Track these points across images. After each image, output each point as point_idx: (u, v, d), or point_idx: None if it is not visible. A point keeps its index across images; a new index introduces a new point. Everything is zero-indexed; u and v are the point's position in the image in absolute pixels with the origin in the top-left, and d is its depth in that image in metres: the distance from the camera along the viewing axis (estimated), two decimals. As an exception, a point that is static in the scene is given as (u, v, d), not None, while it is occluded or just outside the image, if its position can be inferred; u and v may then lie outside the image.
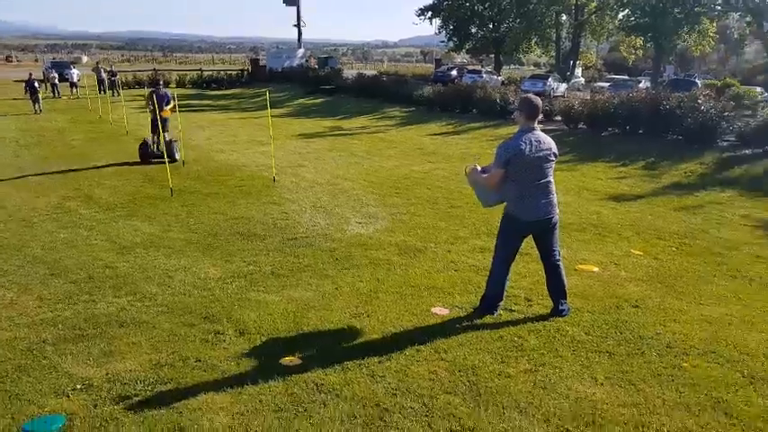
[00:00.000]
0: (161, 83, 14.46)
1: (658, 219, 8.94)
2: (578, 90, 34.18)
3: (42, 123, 19.91)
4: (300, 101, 29.81)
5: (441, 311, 5.26)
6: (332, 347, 4.57)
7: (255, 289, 5.76)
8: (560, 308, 5.14)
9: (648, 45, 38.83)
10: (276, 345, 4.62)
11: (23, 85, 25.38)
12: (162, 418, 3.64)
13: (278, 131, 17.63)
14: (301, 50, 45.80)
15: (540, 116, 4.90)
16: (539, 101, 4.88)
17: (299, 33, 46.12)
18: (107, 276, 6.09)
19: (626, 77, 39.17)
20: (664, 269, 6.59)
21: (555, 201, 4.94)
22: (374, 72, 44.88)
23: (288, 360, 4.35)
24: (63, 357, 4.39)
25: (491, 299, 5.17)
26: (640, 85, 29.42)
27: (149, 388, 3.98)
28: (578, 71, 45.55)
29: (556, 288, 5.13)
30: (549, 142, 4.89)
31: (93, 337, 4.71)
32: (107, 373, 4.17)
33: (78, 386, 4.00)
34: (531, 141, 4.73)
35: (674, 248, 7.43)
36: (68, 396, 3.89)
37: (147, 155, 12.61)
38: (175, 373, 4.18)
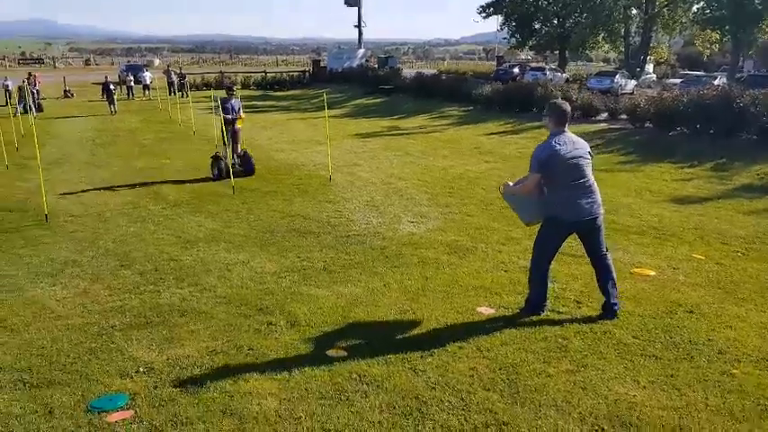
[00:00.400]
0: (234, 89, 12.49)
1: (724, 222, 8.59)
2: (649, 87, 32.89)
3: (117, 124, 21.18)
4: (359, 101, 30.21)
5: (486, 311, 5.31)
6: (376, 341, 4.72)
7: (307, 284, 6.00)
8: (612, 301, 5.08)
9: (726, 39, 36.98)
10: (324, 337, 4.82)
11: (100, 87, 27.02)
12: (215, 400, 3.89)
13: (335, 131, 18.00)
14: (362, 51, 46.22)
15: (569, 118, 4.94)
16: (567, 105, 4.95)
17: (360, 34, 46.65)
18: (171, 268, 6.51)
19: (700, 73, 37.42)
20: (725, 274, 6.36)
21: (599, 200, 4.92)
22: (434, 71, 44.73)
23: (334, 351, 4.54)
24: (129, 342, 4.76)
25: (536, 299, 5.20)
26: (715, 81, 28.04)
27: (205, 372, 4.26)
28: (650, 67, 43.82)
29: (606, 283, 5.08)
30: (582, 143, 4.93)
31: (156, 325, 5.08)
32: (167, 358, 4.48)
33: (141, 369, 4.33)
34: (564, 142, 4.78)
35: (739, 253, 7.14)
36: (132, 377, 4.22)
37: (222, 172, 11.06)
38: (229, 359, 4.45)
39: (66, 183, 11.19)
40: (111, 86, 25.34)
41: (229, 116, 11.44)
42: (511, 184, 5.22)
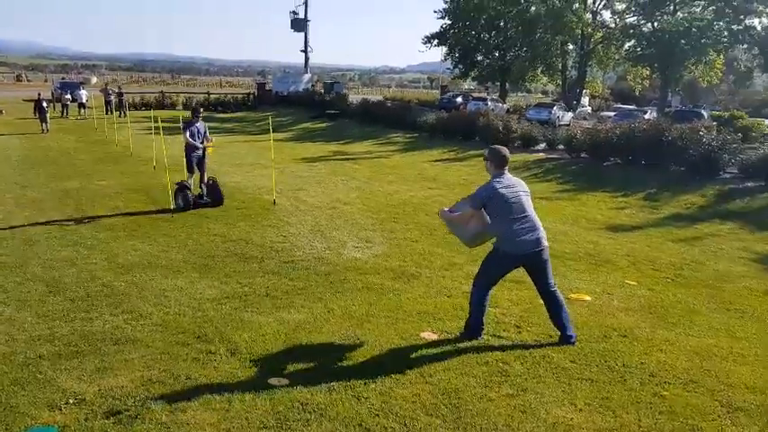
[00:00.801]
0: (200, 111, 11.53)
1: (655, 250, 9.00)
2: (585, 119, 34.36)
3: (49, 143, 20.26)
4: (305, 125, 30.17)
5: (429, 336, 5.35)
6: (320, 368, 4.67)
7: (249, 310, 5.87)
8: (568, 334, 5.20)
9: (655, 75, 39.15)
10: (265, 365, 4.72)
11: (32, 104, 25.85)
12: (150, 432, 3.73)
13: (281, 155, 17.89)
14: (308, 75, 46.33)
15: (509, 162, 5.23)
16: (506, 151, 5.24)
17: (306, 58, 46.75)
18: (104, 295, 6.22)
19: (632, 107, 39.42)
20: (656, 300, 6.65)
21: (542, 233, 5.10)
22: (379, 98, 45.27)
23: (276, 380, 4.45)
24: (58, 372, 4.51)
25: (474, 323, 5.29)
26: (646, 115, 29.57)
27: (140, 404, 4.08)
28: (585, 100, 45.86)
29: (558, 317, 5.21)
30: (520, 182, 5.25)
31: (87, 354, 4.83)
32: (100, 389, 4.28)
33: (71, 400, 4.11)
34: (504, 182, 5.06)
35: (668, 279, 7.48)
36: (61, 409, 4.00)
37: (189, 202, 10.25)
38: (166, 389, 4.29)
39: (-8, 204, 10.59)
40: (44, 104, 24.30)
41: (197, 141, 10.70)
42: (446, 209, 5.44)
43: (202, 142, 10.83)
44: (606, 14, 41.86)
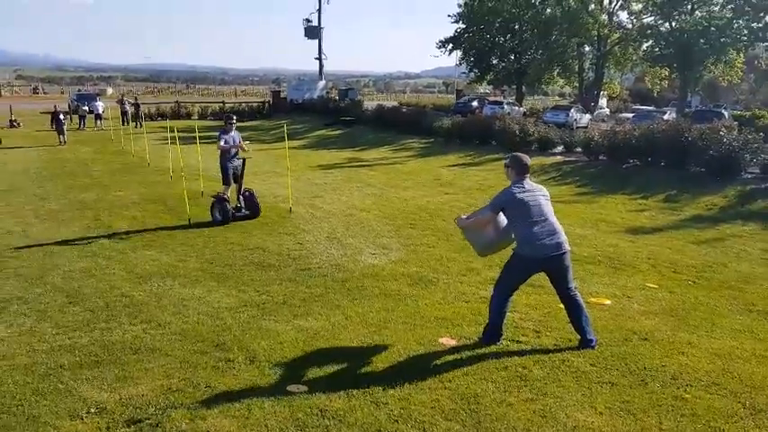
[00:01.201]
0: (233, 119, 10.81)
1: (676, 252, 8.88)
2: (603, 121, 34.03)
3: (66, 155, 20.55)
4: (320, 132, 30.28)
5: (448, 342, 5.32)
6: (338, 375, 4.67)
7: (267, 318, 5.90)
8: (588, 338, 5.15)
9: (674, 76, 38.71)
10: (284, 372, 4.73)
11: (49, 116, 26.20)
12: (169, 441, 3.76)
13: (296, 163, 17.96)
14: (322, 82, 46.36)
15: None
16: (527, 159, 5.24)
17: (321, 66, 46.81)
18: (123, 305, 6.29)
19: (651, 108, 38.99)
20: (677, 302, 6.55)
21: (563, 237, 5.06)
22: (395, 103, 45.16)
23: (294, 387, 4.46)
24: (79, 382, 4.57)
25: (493, 328, 5.26)
26: (665, 116, 29.22)
27: (160, 412, 4.11)
28: (603, 102, 45.49)
29: (579, 320, 5.16)
30: (541, 188, 5.23)
31: (107, 363, 4.89)
32: (120, 398, 4.32)
33: (92, 410, 4.15)
34: (523, 187, 5.06)
35: (690, 282, 7.37)
36: (83, 419, 4.05)
37: (228, 215, 10.00)
38: (186, 398, 4.32)
39: (11, 216, 10.77)
40: (61, 116, 24.60)
41: (233, 150, 10.39)
42: (464, 216, 5.43)
43: (236, 153, 10.47)
44: (623, 15, 41.55)
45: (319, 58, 46.42)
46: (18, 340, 5.37)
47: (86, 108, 31.96)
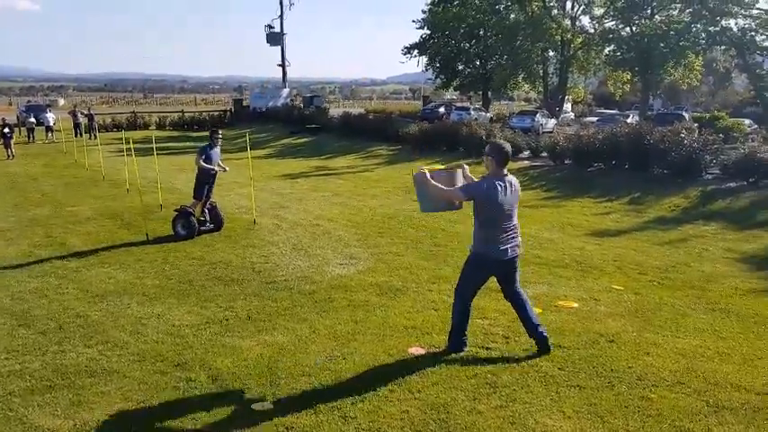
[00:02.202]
0: (219, 134, 10.71)
1: (641, 253, 8.99)
2: (568, 125, 34.59)
3: (15, 169, 19.53)
4: (285, 141, 29.92)
5: (417, 351, 5.26)
6: (305, 391, 4.55)
7: (230, 335, 5.73)
8: (540, 330, 5.10)
9: (635, 79, 39.55)
10: (249, 390, 4.60)
11: None
12: (126, 469, 3.59)
13: (261, 172, 17.71)
14: (286, 90, 45.53)
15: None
16: (509, 147, 5.01)
17: (284, 73, 45.99)
18: (78, 326, 6.00)
19: (614, 112, 39.76)
20: (643, 303, 6.62)
21: (519, 241, 5.08)
22: (361, 110, 44.61)
23: (260, 405, 4.34)
24: (30, 409, 4.35)
25: (457, 329, 5.20)
26: (628, 119, 29.83)
27: (117, 438, 3.94)
28: (568, 106, 46.21)
29: (529, 319, 5.14)
30: (516, 184, 5.03)
31: (61, 388, 4.67)
32: (75, 424, 4.13)
33: (44, 438, 3.95)
34: (504, 186, 4.84)
35: (654, 283, 7.47)
36: (33, 449, 3.85)
37: (194, 230, 9.78)
38: (145, 422, 4.15)
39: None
40: (7, 130, 23.33)
41: (215, 169, 10.22)
42: (428, 174, 5.00)
43: (216, 173, 10.29)
44: (585, 20, 42.27)
45: (282, 65, 45.75)
46: (-35, 367, 5.10)
47: (33, 120, 30.29)
